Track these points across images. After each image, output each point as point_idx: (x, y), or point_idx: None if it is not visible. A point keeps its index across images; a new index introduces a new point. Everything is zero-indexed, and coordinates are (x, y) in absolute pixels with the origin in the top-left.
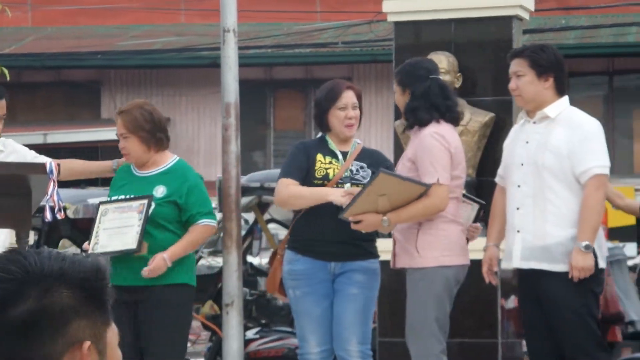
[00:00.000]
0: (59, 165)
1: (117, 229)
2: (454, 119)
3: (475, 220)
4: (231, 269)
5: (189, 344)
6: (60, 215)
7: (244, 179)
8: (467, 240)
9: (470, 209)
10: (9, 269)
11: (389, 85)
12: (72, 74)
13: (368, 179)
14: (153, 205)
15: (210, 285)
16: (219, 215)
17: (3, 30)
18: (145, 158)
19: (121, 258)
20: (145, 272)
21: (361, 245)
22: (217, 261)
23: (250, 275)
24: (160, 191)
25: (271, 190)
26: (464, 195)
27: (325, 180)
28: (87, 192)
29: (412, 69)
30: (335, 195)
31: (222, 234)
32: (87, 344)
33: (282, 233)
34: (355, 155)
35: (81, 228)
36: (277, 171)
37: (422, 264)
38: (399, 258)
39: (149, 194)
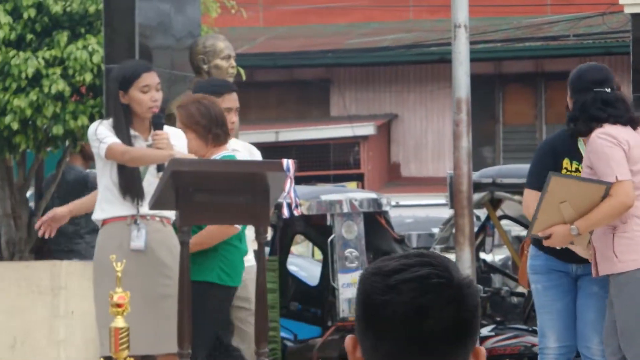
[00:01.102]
0: (295, 163)
1: None
2: (626, 123)
3: None
4: (464, 266)
5: None
6: (297, 212)
7: (475, 175)
8: None
9: None
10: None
11: (623, 78)
12: (303, 73)
13: None
14: None
15: None
16: (450, 212)
17: (236, 30)
18: (203, 153)
19: None
20: None
21: None
22: (450, 258)
23: (484, 272)
24: None
25: (504, 186)
26: None
27: None
28: (320, 188)
29: (578, 79)
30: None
31: (454, 231)
32: (482, 349)
33: (515, 229)
34: None
35: (314, 224)
36: (510, 167)
37: (623, 268)
38: (600, 266)
39: None
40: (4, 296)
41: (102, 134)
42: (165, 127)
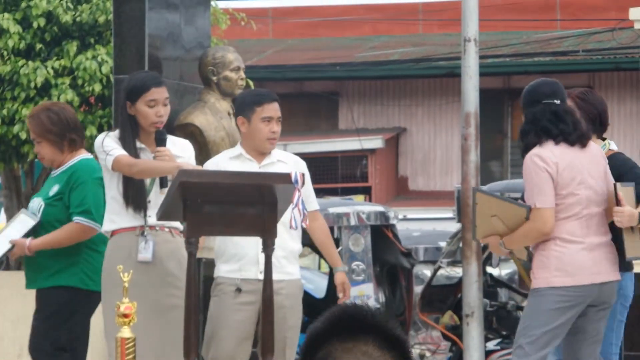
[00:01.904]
0: (303, 175)
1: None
2: (573, 141)
3: None
4: (471, 280)
5: (428, 354)
6: (305, 224)
7: (483, 189)
8: None
9: None
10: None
11: (632, 94)
12: (312, 86)
13: None
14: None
15: (449, 296)
16: (457, 226)
17: (246, 42)
18: (60, 160)
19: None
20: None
21: None
22: (457, 271)
23: (490, 286)
24: (53, 190)
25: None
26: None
27: None
28: (328, 201)
29: (528, 93)
30: None
31: (461, 244)
32: None
33: None
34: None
35: None
36: (517, 181)
37: (535, 284)
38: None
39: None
40: (11, 305)
41: (108, 146)
42: (174, 139)
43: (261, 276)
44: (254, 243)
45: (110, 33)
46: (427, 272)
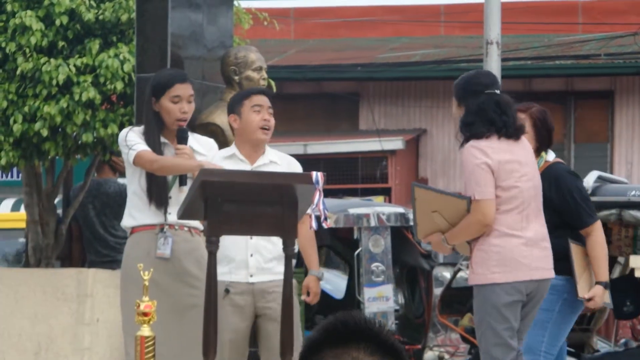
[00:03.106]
0: (324, 175)
1: None
2: (511, 134)
3: None
4: None
5: (447, 356)
6: (326, 225)
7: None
8: None
9: None
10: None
11: None
12: (332, 86)
13: None
14: None
15: (468, 298)
16: None
17: (267, 42)
18: None
19: None
20: None
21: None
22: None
23: None
24: None
25: None
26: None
27: None
28: (348, 202)
29: (467, 85)
30: None
31: None
32: None
33: None
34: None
35: (341, 237)
36: None
37: (475, 280)
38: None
39: None
40: (30, 302)
41: (131, 141)
42: (198, 137)
43: (251, 279)
44: (243, 247)
45: (133, 31)
46: (446, 274)
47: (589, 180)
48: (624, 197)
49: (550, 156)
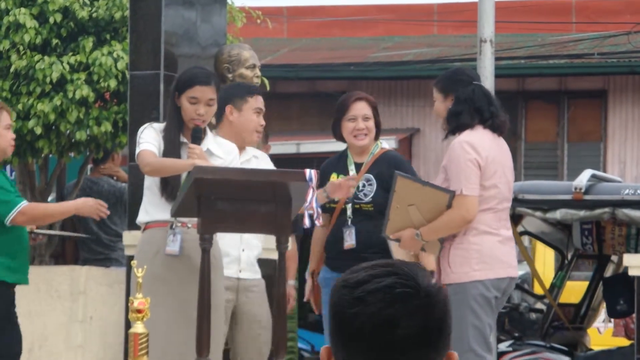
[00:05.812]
0: (317, 173)
1: None
2: (497, 126)
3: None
4: None
5: None
6: (318, 222)
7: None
8: None
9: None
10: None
11: None
12: (325, 85)
13: (371, 195)
14: None
15: None
16: None
17: (260, 41)
18: None
19: None
20: None
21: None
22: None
23: None
24: None
25: (525, 202)
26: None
27: (332, 203)
28: None
29: (454, 75)
30: None
31: None
32: (455, 354)
33: (534, 245)
34: (367, 167)
35: None
36: (531, 183)
37: (454, 279)
38: (440, 275)
39: None
40: (23, 300)
41: (142, 138)
42: (220, 140)
43: (241, 275)
44: (236, 243)
45: (127, 29)
46: None
47: (583, 178)
48: (618, 196)
49: (385, 144)
